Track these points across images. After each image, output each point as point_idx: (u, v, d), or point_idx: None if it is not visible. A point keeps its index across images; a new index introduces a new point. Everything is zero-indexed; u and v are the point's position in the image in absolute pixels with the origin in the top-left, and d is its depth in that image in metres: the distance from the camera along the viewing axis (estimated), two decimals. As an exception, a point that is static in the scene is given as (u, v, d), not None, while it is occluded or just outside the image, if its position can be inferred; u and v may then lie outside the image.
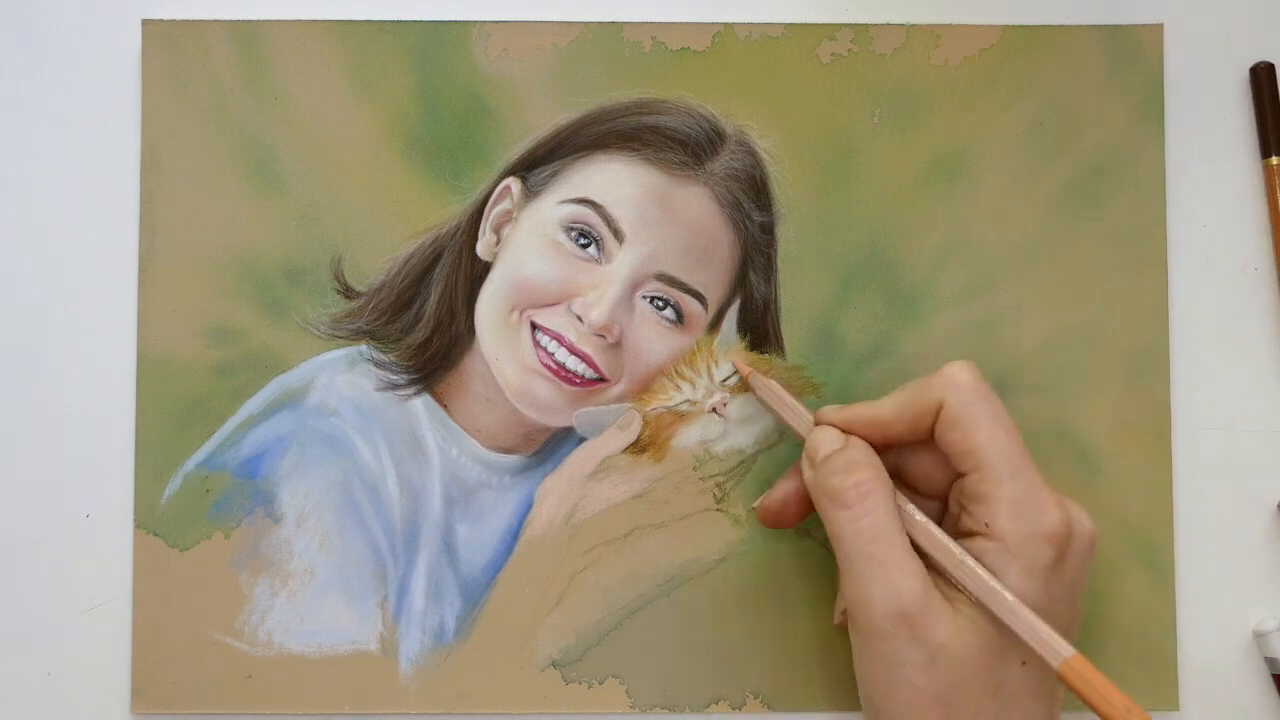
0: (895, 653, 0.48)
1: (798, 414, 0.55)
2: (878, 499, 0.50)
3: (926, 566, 0.49)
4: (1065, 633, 0.49)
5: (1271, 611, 0.58)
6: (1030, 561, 0.48)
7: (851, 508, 0.50)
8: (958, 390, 0.50)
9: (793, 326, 0.58)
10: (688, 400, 0.58)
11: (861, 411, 0.53)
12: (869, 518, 0.49)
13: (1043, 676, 0.49)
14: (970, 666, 0.48)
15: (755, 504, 0.56)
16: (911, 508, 0.51)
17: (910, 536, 0.50)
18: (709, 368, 0.58)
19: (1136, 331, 0.58)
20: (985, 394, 0.51)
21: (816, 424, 0.54)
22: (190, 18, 0.59)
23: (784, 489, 0.55)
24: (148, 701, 0.57)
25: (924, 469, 0.53)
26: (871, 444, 0.52)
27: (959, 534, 0.51)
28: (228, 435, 0.58)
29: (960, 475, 0.51)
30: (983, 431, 0.50)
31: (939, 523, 0.52)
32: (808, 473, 0.53)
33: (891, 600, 0.48)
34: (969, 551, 0.49)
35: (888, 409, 0.52)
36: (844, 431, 0.53)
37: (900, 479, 0.53)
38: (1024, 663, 0.49)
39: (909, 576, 0.48)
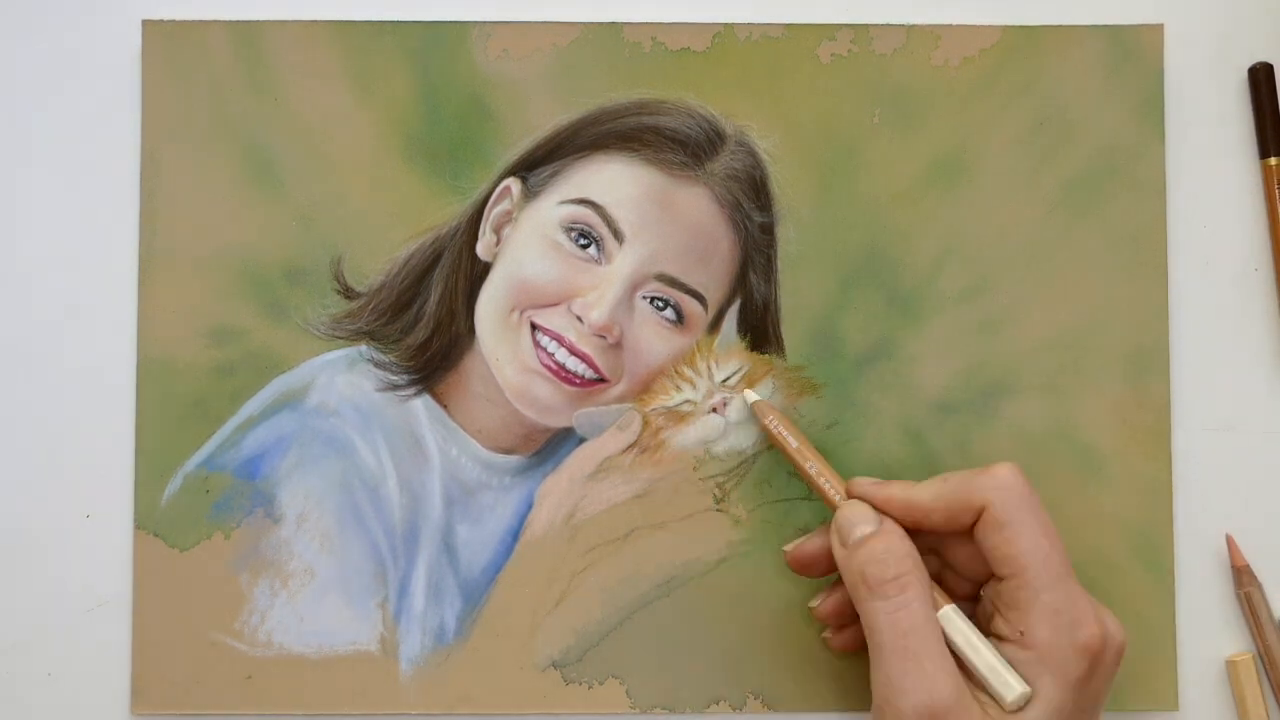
0: None
1: (827, 478, 0.54)
2: (915, 592, 0.50)
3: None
4: None
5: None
6: (1063, 673, 0.48)
7: (890, 599, 0.49)
8: (1005, 494, 0.50)
9: (793, 327, 0.58)
10: (688, 400, 0.58)
11: (898, 493, 0.52)
12: (906, 610, 0.49)
13: None
14: None
15: (787, 548, 0.55)
16: (951, 608, 0.51)
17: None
18: (709, 368, 0.58)
19: (1136, 331, 0.58)
20: (1031, 499, 0.50)
21: (849, 495, 0.53)
22: (190, 18, 0.58)
23: (816, 544, 0.55)
24: (147, 702, 0.57)
25: (959, 561, 0.53)
26: (905, 527, 0.52)
27: (989, 634, 0.51)
28: (228, 436, 0.58)
29: (998, 578, 0.51)
30: (1025, 538, 0.49)
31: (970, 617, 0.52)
32: (838, 550, 0.52)
33: (923, 695, 0.48)
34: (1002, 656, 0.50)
35: (927, 497, 0.52)
36: (877, 509, 0.52)
37: (934, 562, 0.53)
38: None
39: (942, 673, 0.48)
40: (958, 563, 0.53)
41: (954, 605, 0.51)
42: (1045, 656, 0.48)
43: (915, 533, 0.52)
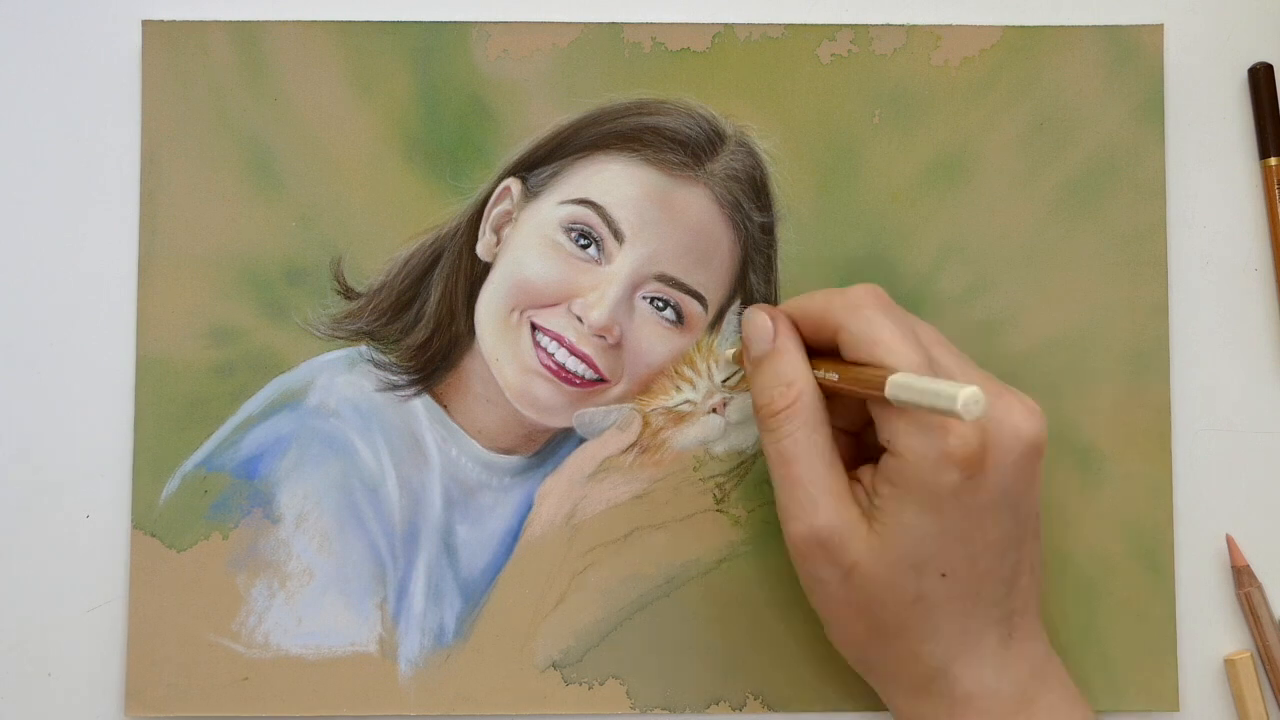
0: (814, 570, 0.50)
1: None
2: (799, 420, 0.50)
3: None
4: (1018, 564, 0.49)
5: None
6: (928, 482, 0.47)
7: (774, 430, 0.50)
8: (855, 312, 0.49)
9: (793, 327, 0.58)
10: (688, 401, 0.58)
11: (785, 306, 0.53)
12: (789, 439, 0.50)
13: (968, 587, 0.49)
14: (884, 581, 0.49)
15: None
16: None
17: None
18: (709, 368, 0.58)
19: (1136, 331, 0.58)
20: (887, 308, 0.50)
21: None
22: (190, 18, 0.59)
23: None
24: (142, 704, 0.57)
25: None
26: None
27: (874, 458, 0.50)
28: (227, 436, 0.58)
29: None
30: (880, 345, 0.48)
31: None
32: (746, 364, 0.53)
33: (804, 520, 0.49)
34: (878, 473, 0.49)
35: (796, 311, 0.52)
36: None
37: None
38: (944, 575, 0.49)
39: (823, 496, 0.49)
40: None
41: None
42: (909, 464, 0.47)
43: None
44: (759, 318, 0.52)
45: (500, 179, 0.58)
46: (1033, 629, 0.51)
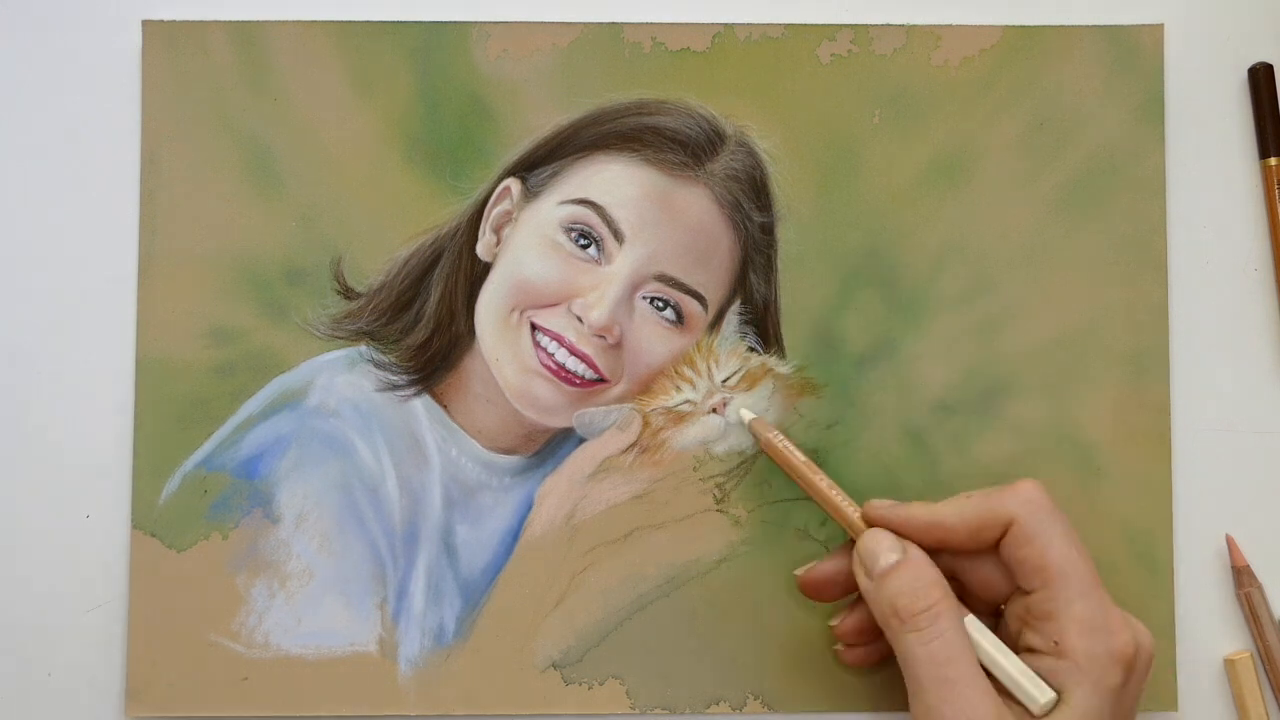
0: None
1: (842, 496, 0.54)
2: (948, 619, 0.49)
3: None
4: None
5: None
6: (1098, 682, 0.48)
7: (922, 630, 0.49)
8: (1032, 507, 0.50)
9: (793, 327, 0.58)
10: (688, 401, 0.58)
11: (919, 514, 0.52)
12: (940, 639, 0.49)
13: None
14: None
15: (798, 571, 0.55)
16: (972, 619, 0.50)
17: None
18: (709, 368, 0.58)
19: (1136, 332, 0.58)
20: (1056, 511, 0.51)
21: (867, 522, 0.53)
22: (190, 18, 0.59)
23: (829, 568, 0.54)
24: (142, 704, 0.57)
25: (976, 581, 0.53)
26: (925, 548, 0.52)
27: (1020, 649, 0.50)
28: (227, 435, 0.58)
29: (1024, 591, 0.51)
30: (1056, 550, 0.50)
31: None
32: (863, 580, 0.52)
33: None
34: (1033, 669, 0.49)
35: (949, 515, 0.52)
36: (898, 534, 0.52)
37: (953, 584, 0.52)
38: None
39: (982, 696, 0.48)
40: (975, 583, 0.53)
41: (973, 616, 0.51)
42: (1081, 665, 0.48)
43: (934, 554, 0.51)
44: (881, 536, 0.52)
45: (500, 179, 0.59)
46: None
